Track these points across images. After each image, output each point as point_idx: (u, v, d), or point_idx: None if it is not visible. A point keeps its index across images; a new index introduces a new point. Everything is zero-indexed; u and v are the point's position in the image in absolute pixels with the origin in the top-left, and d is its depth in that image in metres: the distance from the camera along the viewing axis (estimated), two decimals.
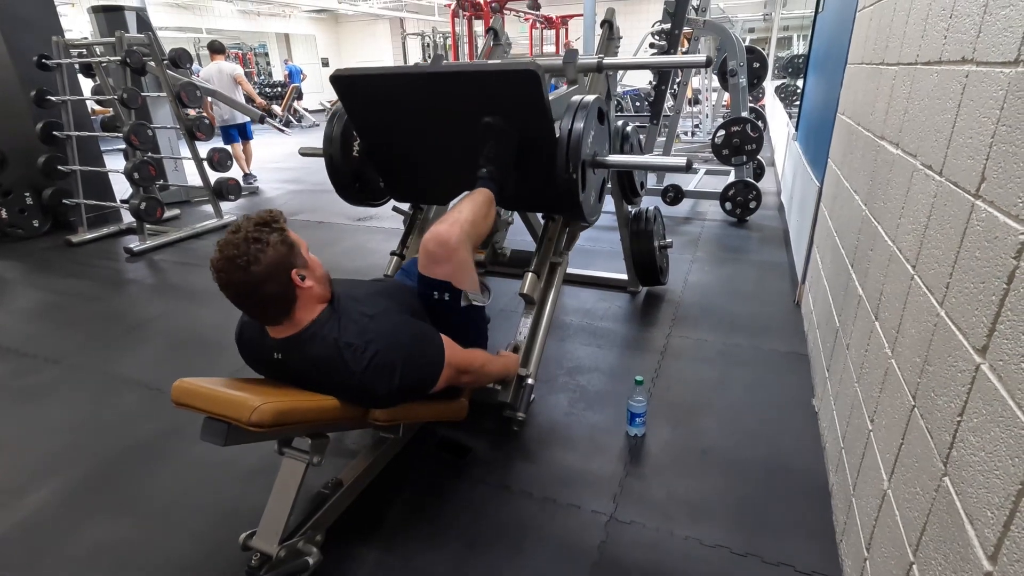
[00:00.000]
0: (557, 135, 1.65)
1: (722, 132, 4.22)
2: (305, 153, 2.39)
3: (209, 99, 5.44)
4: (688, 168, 1.73)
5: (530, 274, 1.89)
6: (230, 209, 4.90)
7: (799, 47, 12.42)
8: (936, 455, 0.89)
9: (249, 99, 6.06)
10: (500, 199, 1.70)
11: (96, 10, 4.96)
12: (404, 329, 1.37)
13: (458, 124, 1.75)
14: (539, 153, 1.69)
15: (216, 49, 5.86)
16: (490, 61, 2.60)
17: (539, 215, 2.32)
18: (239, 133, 6.11)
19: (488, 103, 1.65)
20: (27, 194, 4.39)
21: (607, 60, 2.12)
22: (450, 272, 1.52)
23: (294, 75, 13.48)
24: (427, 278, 1.54)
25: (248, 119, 5.90)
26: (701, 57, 2.11)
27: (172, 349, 2.65)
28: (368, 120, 1.90)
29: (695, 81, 7.81)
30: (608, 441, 1.89)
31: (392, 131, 1.90)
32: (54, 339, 2.76)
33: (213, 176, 4.54)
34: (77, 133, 4.36)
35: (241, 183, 6.30)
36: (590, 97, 1.73)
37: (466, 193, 1.65)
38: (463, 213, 1.55)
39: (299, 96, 13.14)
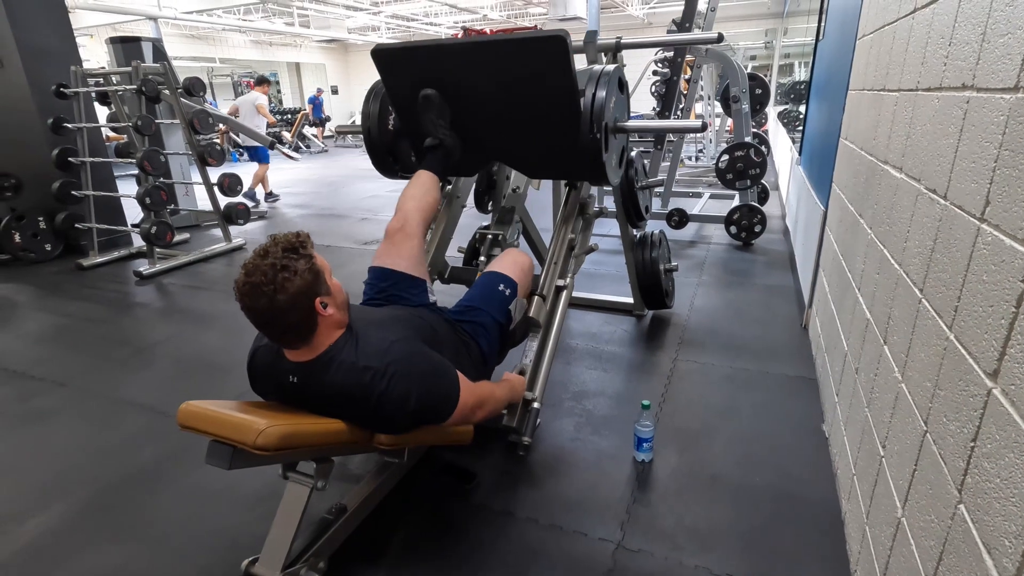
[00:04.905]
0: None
1: (726, 157, 4.26)
2: (342, 130, 2.88)
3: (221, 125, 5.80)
4: (703, 129, 2.05)
5: (536, 297, 1.89)
6: (239, 233, 4.96)
7: (801, 74, 12.60)
8: (950, 482, 0.88)
9: (269, 124, 6.70)
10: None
11: (114, 41, 5.12)
12: (423, 357, 1.37)
13: (490, 95, 1.81)
14: (565, 118, 1.76)
15: (258, 81, 6.95)
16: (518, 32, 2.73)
17: (545, 236, 2.33)
18: (251, 155, 6.74)
19: (519, 71, 1.72)
20: (40, 219, 4.47)
21: (625, 40, 2.19)
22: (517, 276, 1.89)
23: (317, 107, 14.49)
24: (500, 274, 1.85)
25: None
26: (713, 34, 2.27)
27: (179, 372, 2.65)
28: (404, 93, 1.93)
29: (698, 107, 7.92)
30: (615, 467, 1.86)
31: None
32: (62, 362, 2.77)
33: (223, 201, 4.62)
34: (91, 159, 4.45)
35: (263, 202, 6.63)
36: (610, 67, 1.83)
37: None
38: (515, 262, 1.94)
39: (311, 123, 13.62)
